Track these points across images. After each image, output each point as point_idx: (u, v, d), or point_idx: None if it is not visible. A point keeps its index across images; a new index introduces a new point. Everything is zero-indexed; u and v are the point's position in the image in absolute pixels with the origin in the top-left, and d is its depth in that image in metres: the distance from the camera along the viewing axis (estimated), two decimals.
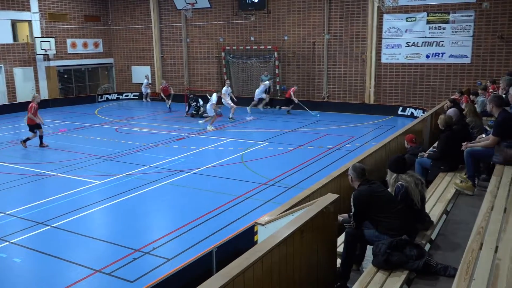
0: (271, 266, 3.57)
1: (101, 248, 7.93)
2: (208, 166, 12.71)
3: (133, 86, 29.01)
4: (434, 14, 19.52)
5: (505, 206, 4.79)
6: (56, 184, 11.44)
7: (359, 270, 4.94)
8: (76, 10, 27.12)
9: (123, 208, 9.84)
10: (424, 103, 20.13)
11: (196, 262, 6.14)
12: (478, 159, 6.77)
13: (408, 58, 20.46)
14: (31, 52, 24.75)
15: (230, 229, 8.19)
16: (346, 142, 15.32)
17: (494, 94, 8.45)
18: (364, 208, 4.68)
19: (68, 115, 22.66)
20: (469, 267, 3.54)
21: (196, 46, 26.24)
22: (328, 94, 22.64)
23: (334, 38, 22.00)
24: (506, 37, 18.24)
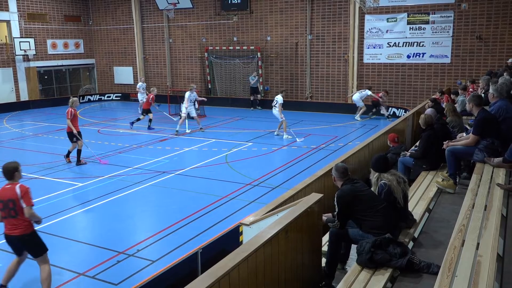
0: (256, 266, 3.58)
1: (84, 251, 7.83)
2: (192, 167, 12.66)
3: (115, 87, 28.74)
4: (414, 14, 19.78)
5: (485, 204, 4.88)
6: (37, 187, 11.24)
7: (344, 269, 4.97)
8: (56, 10, 26.75)
9: (106, 210, 9.74)
10: (406, 103, 20.38)
11: (181, 264, 6.12)
12: (459, 157, 6.88)
13: (389, 58, 20.69)
14: (10, 53, 24.32)
15: (215, 230, 8.18)
16: (330, 142, 15.41)
17: (473, 94, 8.59)
18: (348, 207, 4.71)
19: (49, 116, 22.33)
20: (451, 264, 3.59)
21: (178, 47, 26.12)
22: (311, 94, 22.76)
23: (316, 39, 22.13)
24: (484, 37, 18.58)
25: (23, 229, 6.01)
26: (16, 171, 6.05)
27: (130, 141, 16.03)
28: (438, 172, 7.30)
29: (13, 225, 5.98)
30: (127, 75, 28.08)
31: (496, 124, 6.47)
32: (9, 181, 6.03)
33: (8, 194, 5.92)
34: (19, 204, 5.90)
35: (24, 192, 5.93)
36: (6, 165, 6.05)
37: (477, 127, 6.55)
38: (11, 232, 6.01)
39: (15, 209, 5.91)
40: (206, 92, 25.18)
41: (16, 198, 5.89)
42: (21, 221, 5.98)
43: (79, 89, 28.31)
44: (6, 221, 6.02)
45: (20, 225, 5.99)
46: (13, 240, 6.08)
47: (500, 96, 6.77)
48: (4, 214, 5.97)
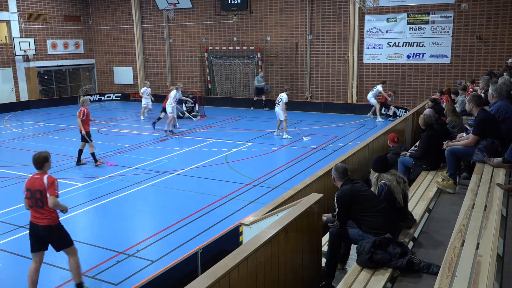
0: (256, 266, 3.58)
1: (84, 251, 7.81)
2: (192, 167, 12.66)
3: (115, 87, 28.74)
4: (414, 14, 19.78)
5: (485, 204, 4.88)
6: None
7: (344, 269, 4.97)
8: (56, 10, 26.75)
9: (106, 210, 9.74)
10: (405, 103, 20.38)
11: (181, 264, 6.11)
12: (459, 157, 6.88)
13: (389, 58, 20.69)
14: (9, 53, 24.32)
15: (215, 230, 8.18)
16: (330, 142, 15.42)
17: (473, 94, 8.59)
18: (348, 207, 4.71)
19: (49, 116, 22.33)
20: (451, 264, 3.59)
21: (178, 47, 26.12)
22: (311, 94, 22.76)
23: (316, 39, 22.13)
24: (484, 37, 18.58)
25: (49, 220, 6.03)
26: (46, 161, 6.10)
27: (130, 141, 16.03)
28: (438, 172, 7.31)
29: (40, 214, 6.01)
30: (127, 75, 28.07)
31: (496, 124, 6.47)
32: (38, 170, 6.06)
33: (36, 184, 5.96)
34: (46, 195, 5.94)
35: (51, 183, 5.97)
36: (36, 155, 6.07)
37: (477, 127, 6.56)
38: (38, 222, 6.03)
39: (42, 199, 5.95)
40: (206, 92, 25.19)
41: (43, 189, 5.93)
42: (47, 212, 6.01)
43: (79, 89, 28.29)
44: (33, 210, 6.06)
45: (47, 216, 6.02)
46: (38, 229, 6.06)
47: (499, 96, 6.77)
48: (31, 203, 6.03)
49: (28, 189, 6.02)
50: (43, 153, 6.13)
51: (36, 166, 6.06)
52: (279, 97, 15.95)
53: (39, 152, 6.18)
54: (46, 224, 6.01)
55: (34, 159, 6.06)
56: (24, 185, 6.11)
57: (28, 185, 6.04)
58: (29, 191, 6.01)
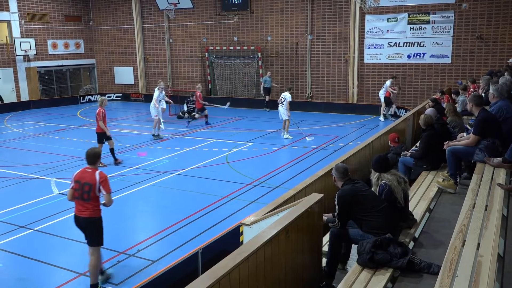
0: (256, 266, 3.58)
1: (84, 251, 7.78)
2: (192, 167, 12.66)
3: (116, 87, 28.75)
4: (415, 14, 19.77)
5: (486, 204, 4.87)
6: (38, 187, 11.26)
7: (345, 269, 4.97)
8: (56, 10, 26.76)
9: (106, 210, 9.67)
10: (406, 103, 20.37)
11: (182, 264, 6.11)
12: (459, 157, 6.87)
13: (390, 58, 20.69)
14: (10, 53, 24.34)
15: (216, 230, 8.18)
16: (330, 142, 15.41)
17: (473, 94, 8.59)
18: (348, 207, 4.71)
19: (50, 116, 22.34)
20: (452, 264, 3.59)
21: (179, 47, 26.13)
22: (311, 94, 22.76)
23: (317, 39, 22.13)
24: (485, 37, 18.57)
25: (91, 212, 6.25)
26: (98, 157, 6.39)
27: (130, 141, 16.04)
28: (439, 172, 7.30)
29: (83, 206, 6.22)
30: (127, 75, 28.09)
31: (497, 124, 6.46)
32: (90, 165, 6.31)
33: (87, 178, 6.16)
34: (95, 190, 6.14)
35: (103, 179, 6.18)
36: (90, 151, 6.35)
37: (477, 127, 6.55)
38: (80, 213, 6.27)
39: (89, 193, 6.14)
40: (206, 92, 25.18)
41: (94, 183, 6.13)
42: (91, 205, 6.22)
43: (79, 89, 28.33)
44: (77, 201, 6.26)
45: (89, 208, 6.23)
46: (80, 221, 6.31)
47: (500, 96, 6.76)
48: (77, 195, 6.22)
49: (77, 181, 6.22)
50: (96, 149, 6.48)
51: (89, 161, 6.31)
52: (283, 96, 15.85)
53: (93, 148, 6.51)
54: (87, 216, 6.23)
55: (88, 154, 6.32)
56: (73, 176, 6.32)
57: (78, 177, 6.25)
58: (78, 183, 6.20)
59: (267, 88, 22.27)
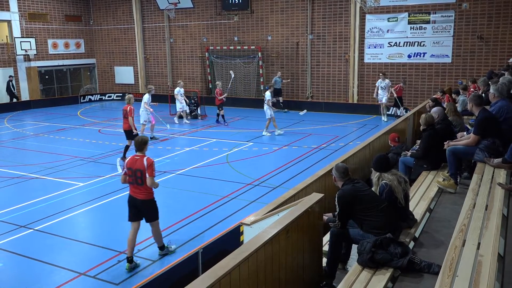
0: (257, 266, 3.58)
1: (85, 251, 7.84)
2: (193, 167, 12.66)
3: (116, 87, 28.76)
4: (415, 14, 19.77)
5: (486, 204, 4.87)
6: (38, 187, 11.27)
7: (345, 269, 4.97)
8: (57, 10, 26.77)
9: (107, 210, 9.75)
10: (406, 102, 20.36)
11: (182, 263, 6.12)
12: (460, 157, 6.87)
13: (390, 58, 20.68)
14: (11, 53, 24.35)
15: (216, 230, 8.18)
16: (331, 142, 15.41)
17: (474, 94, 8.57)
18: (348, 207, 4.71)
19: (50, 116, 22.35)
20: (452, 264, 3.59)
21: (179, 46, 26.13)
22: (312, 94, 22.75)
23: (317, 38, 22.13)
24: (485, 37, 18.57)
25: (146, 195, 7.00)
26: (145, 144, 7.10)
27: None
28: (439, 172, 7.29)
29: (138, 190, 6.98)
30: (127, 75, 28.09)
31: (497, 124, 6.46)
32: (138, 152, 7.04)
33: (137, 165, 6.90)
34: (145, 174, 6.83)
35: (149, 164, 6.87)
36: (139, 139, 7.12)
37: (478, 127, 6.54)
38: (136, 196, 7.02)
39: (142, 178, 6.88)
40: (207, 92, 25.20)
41: (143, 169, 6.84)
42: (144, 189, 6.94)
43: (79, 89, 28.33)
44: (132, 186, 7.03)
45: (144, 191, 6.97)
46: (136, 202, 7.04)
47: (501, 96, 6.75)
48: (131, 180, 6.98)
49: (129, 168, 6.96)
50: (144, 137, 7.23)
51: (137, 148, 7.05)
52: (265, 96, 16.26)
53: (141, 136, 7.31)
54: (143, 198, 6.98)
55: (136, 142, 7.07)
56: (125, 164, 7.08)
57: (129, 164, 6.98)
58: (130, 169, 6.95)
59: (278, 89, 21.66)
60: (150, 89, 16.53)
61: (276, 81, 21.74)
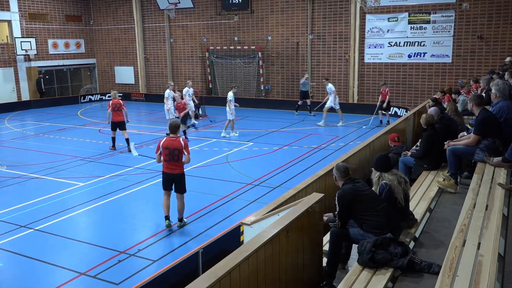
0: (257, 266, 3.58)
1: (85, 251, 7.84)
2: (193, 167, 12.65)
3: (116, 87, 28.74)
4: (415, 14, 19.76)
5: (486, 203, 4.86)
6: (38, 187, 11.28)
7: (345, 269, 4.97)
8: (57, 10, 26.78)
9: (107, 210, 9.75)
10: (406, 102, 20.37)
11: (182, 263, 6.12)
12: (460, 157, 6.86)
13: (390, 58, 20.68)
14: (11, 53, 24.35)
15: (216, 230, 8.18)
16: (331, 142, 15.41)
17: (474, 93, 8.58)
18: (348, 207, 4.71)
19: (50, 116, 22.35)
20: (452, 264, 3.59)
21: (179, 46, 26.13)
22: (312, 93, 22.73)
23: (317, 38, 22.12)
24: (485, 37, 18.56)
25: (181, 170, 8.36)
26: (178, 128, 8.43)
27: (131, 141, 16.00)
28: (439, 171, 7.29)
29: (175, 166, 8.25)
30: (128, 75, 28.10)
31: (497, 124, 6.45)
32: (172, 134, 8.29)
33: (175, 145, 8.16)
34: (182, 152, 8.15)
35: (186, 144, 8.25)
36: (172, 123, 8.47)
37: (478, 126, 6.54)
38: (172, 171, 8.28)
39: (179, 155, 8.19)
40: (207, 92, 25.20)
41: (181, 148, 8.14)
42: (179, 164, 8.28)
43: (80, 89, 28.34)
44: (169, 163, 8.24)
45: (180, 167, 8.31)
46: (173, 176, 8.31)
47: (503, 96, 6.74)
48: (168, 158, 8.19)
49: (167, 147, 8.15)
50: (177, 122, 8.81)
51: (172, 131, 8.30)
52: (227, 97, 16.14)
53: (174, 120, 9.00)
54: (179, 172, 8.33)
55: (171, 126, 8.37)
56: (161, 144, 8.19)
57: (166, 144, 8.18)
58: (168, 149, 8.15)
59: (305, 91, 20.76)
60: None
61: (303, 83, 20.66)
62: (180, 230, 8.49)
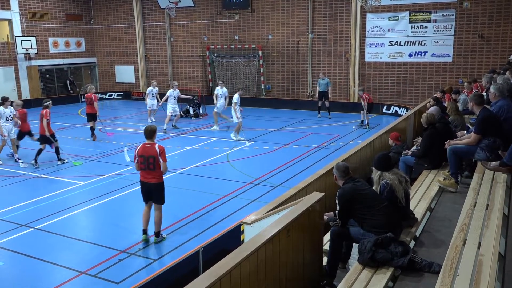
0: (257, 265, 3.58)
1: (86, 250, 7.84)
2: (193, 166, 12.67)
3: (117, 86, 28.76)
4: (416, 13, 19.74)
5: (487, 203, 4.87)
6: (39, 186, 11.29)
7: (345, 268, 4.97)
8: (58, 8, 26.76)
9: (108, 209, 9.75)
10: (407, 102, 20.36)
11: (183, 262, 6.12)
12: (460, 156, 6.86)
13: (391, 57, 20.66)
14: (11, 52, 24.34)
15: (217, 229, 8.18)
16: (331, 141, 15.40)
17: (474, 93, 8.57)
18: (349, 206, 4.71)
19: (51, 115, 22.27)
20: (453, 263, 3.59)
21: (180, 45, 26.12)
22: (312, 93, 22.73)
23: (318, 37, 22.10)
24: (486, 36, 18.54)
25: (158, 179, 7.64)
26: (154, 133, 7.66)
27: (131, 140, 16.01)
28: (440, 171, 7.29)
29: (151, 175, 7.58)
30: (128, 74, 28.10)
31: (498, 123, 6.44)
32: (148, 140, 7.59)
33: (150, 152, 7.48)
34: (158, 160, 7.46)
35: (162, 151, 7.52)
36: (148, 128, 7.64)
37: (478, 126, 6.53)
38: (148, 180, 7.63)
39: (154, 164, 7.49)
40: (207, 91, 25.18)
41: (155, 155, 7.45)
42: (156, 173, 7.58)
43: (80, 88, 28.31)
44: (145, 172, 7.60)
45: (156, 176, 7.60)
46: (149, 186, 7.67)
47: (501, 95, 6.74)
48: (143, 166, 7.55)
49: (142, 155, 7.51)
50: (152, 126, 7.72)
51: (147, 136, 7.58)
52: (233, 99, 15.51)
53: (149, 125, 7.75)
54: (156, 182, 7.62)
55: (146, 131, 7.59)
56: (136, 152, 7.60)
57: (141, 152, 7.53)
58: (143, 157, 7.50)
59: (323, 92, 19.50)
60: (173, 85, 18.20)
61: (321, 84, 19.54)
62: (180, 230, 8.48)
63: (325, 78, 19.71)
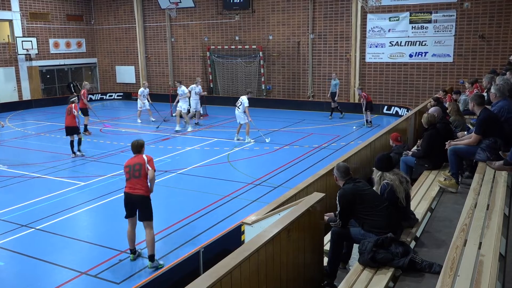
0: (258, 266, 3.58)
1: (86, 250, 7.85)
2: (194, 166, 12.67)
3: (117, 86, 28.77)
4: (417, 14, 19.74)
5: (487, 203, 4.86)
6: (39, 186, 11.29)
7: (346, 269, 4.97)
8: (58, 9, 26.78)
9: (108, 209, 9.75)
10: (408, 102, 20.35)
11: (183, 263, 6.12)
12: (461, 157, 6.85)
13: (391, 57, 20.66)
14: (12, 52, 24.37)
15: (217, 229, 8.18)
16: (332, 141, 15.40)
17: (475, 93, 8.56)
18: (349, 206, 4.70)
19: (52, 115, 22.36)
20: (453, 263, 3.58)
21: (180, 46, 26.13)
22: (313, 93, 22.74)
23: (318, 38, 22.11)
24: (487, 36, 18.54)
25: (143, 191, 6.92)
26: (142, 147, 7.17)
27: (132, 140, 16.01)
28: (440, 171, 7.29)
29: (136, 183, 6.89)
30: (129, 74, 28.12)
31: (498, 123, 6.44)
32: (135, 154, 7.10)
33: (135, 160, 7.00)
34: (145, 168, 6.88)
35: (150, 159, 7.03)
36: (135, 142, 7.14)
37: (479, 126, 6.53)
38: (133, 191, 6.91)
39: (140, 171, 6.88)
40: (208, 91, 25.18)
41: (143, 162, 6.92)
42: (141, 182, 6.89)
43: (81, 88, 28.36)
44: (128, 182, 6.96)
45: (141, 186, 6.89)
46: (133, 198, 6.94)
47: (502, 95, 6.73)
48: (129, 175, 6.95)
49: (128, 165, 7.01)
50: (139, 141, 7.20)
51: (134, 151, 7.10)
52: (240, 100, 15.28)
53: (137, 140, 7.23)
54: (140, 193, 6.90)
55: (132, 146, 7.12)
56: (124, 166, 7.10)
57: (128, 163, 7.05)
58: (128, 166, 7.00)
59: (334, 92, 19.59)
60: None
61: (334, 84, 19.56)
62: (181, 229, 8.48)
63: (336, 79, 19.77)
